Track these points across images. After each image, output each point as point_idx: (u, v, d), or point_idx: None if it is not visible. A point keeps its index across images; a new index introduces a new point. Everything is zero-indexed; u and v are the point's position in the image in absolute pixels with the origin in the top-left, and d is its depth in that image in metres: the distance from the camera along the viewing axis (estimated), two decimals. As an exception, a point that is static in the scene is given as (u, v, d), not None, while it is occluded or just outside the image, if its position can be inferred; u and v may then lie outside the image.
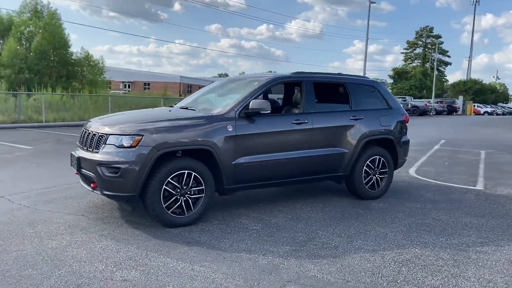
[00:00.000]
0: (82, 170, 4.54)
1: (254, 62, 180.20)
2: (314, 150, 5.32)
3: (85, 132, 4.76)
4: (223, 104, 5.05)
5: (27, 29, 31.13)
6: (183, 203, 4.42)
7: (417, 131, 17.60)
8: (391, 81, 67.90)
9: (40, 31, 31.10)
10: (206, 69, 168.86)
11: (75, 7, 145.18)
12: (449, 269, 3.54)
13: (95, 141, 4.46)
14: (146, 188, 4.25)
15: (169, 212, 4.35)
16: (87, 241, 3.96)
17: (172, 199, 4.35)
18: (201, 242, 4.03)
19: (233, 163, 4.69)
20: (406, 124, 6.38)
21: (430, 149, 12.06)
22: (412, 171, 8.26)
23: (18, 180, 6.58)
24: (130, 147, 4.21)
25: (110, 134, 4.35)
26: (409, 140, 6.48)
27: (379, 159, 5.91)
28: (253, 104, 4.78)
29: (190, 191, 4.47)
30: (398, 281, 3.29)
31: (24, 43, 30.96)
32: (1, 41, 30.20)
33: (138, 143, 4.21)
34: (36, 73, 26.81)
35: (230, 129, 4.67)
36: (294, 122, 5.18)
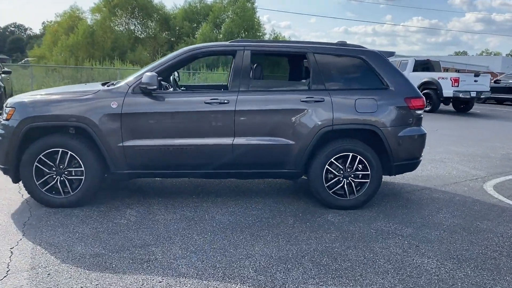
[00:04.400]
0: None
1: (507, 37, 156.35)
2: (239, 138, 4.23)
3: None
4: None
5: (222, 15, 34.76)
6: (58, 183, 4.15)
7: None
8: None
9: (231, 15, 34.30)
10: (446, 47, 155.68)
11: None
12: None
13: None
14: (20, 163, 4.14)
15: (44, 190, 4.14)
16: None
17: (46, 177, 4.13)
18: (34, 224, 3.74)
19: (120, 145, 4.13)
20: (416, 111, 4.46)
21: None
22: (492, 183, 5.76)
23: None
24: (6, 119, 4.16)
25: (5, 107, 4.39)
26: (422, 134, 4.52)
27: (354, 157, 4.32)
28: (144, 78, 4.08)
29: (71, 172, 4.16)
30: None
31: (221, 26, 34.55)
32: (201, 25, 34.44)
33: (11, 116, 4.12)
34: (220, 53, 29.69)
35: (114, 106, 4.11)
36: (207, 102, 4.21)
